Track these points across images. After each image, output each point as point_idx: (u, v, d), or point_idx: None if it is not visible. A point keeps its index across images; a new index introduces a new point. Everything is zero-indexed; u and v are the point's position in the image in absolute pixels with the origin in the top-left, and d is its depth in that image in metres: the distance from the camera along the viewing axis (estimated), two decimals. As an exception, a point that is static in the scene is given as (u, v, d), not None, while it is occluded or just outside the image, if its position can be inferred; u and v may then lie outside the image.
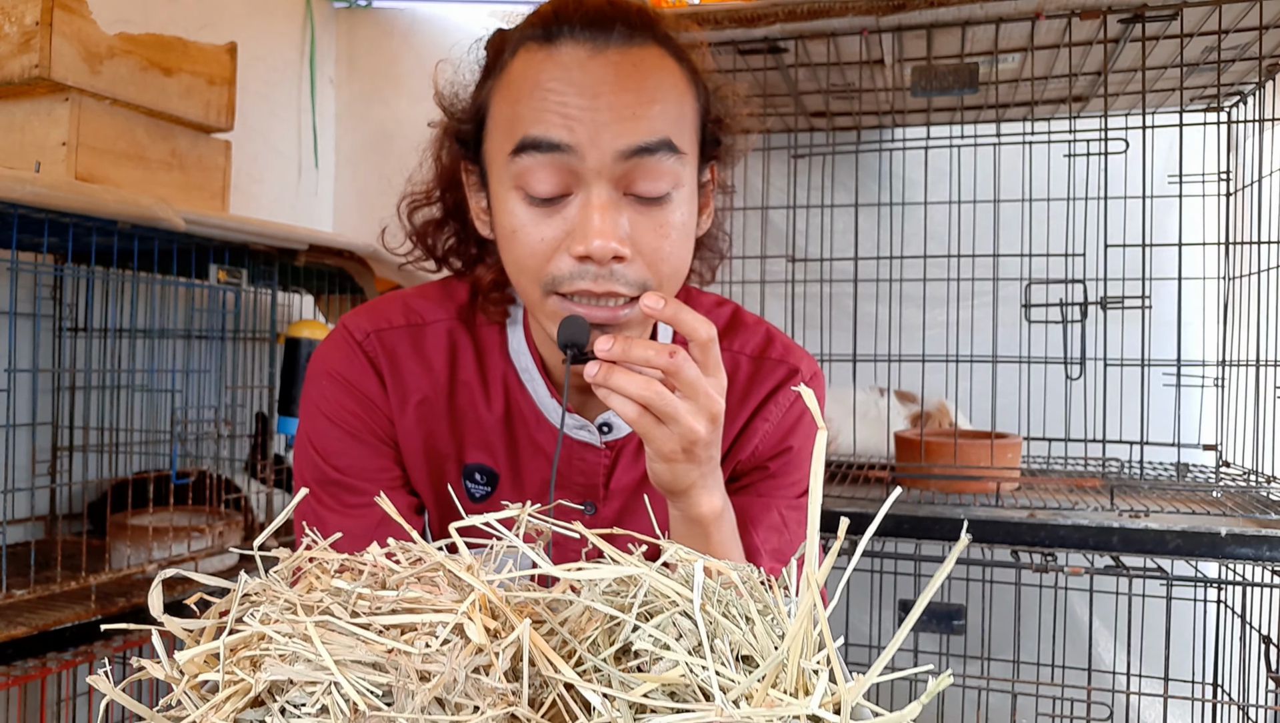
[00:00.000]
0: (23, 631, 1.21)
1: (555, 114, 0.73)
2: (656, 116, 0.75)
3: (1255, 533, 1.33)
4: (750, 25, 1.51)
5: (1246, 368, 1.60)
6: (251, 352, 1.81)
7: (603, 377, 0.69)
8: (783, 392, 0.92)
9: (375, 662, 0.47)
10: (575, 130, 0.73)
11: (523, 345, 0.89)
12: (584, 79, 0.74)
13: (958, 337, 1.82)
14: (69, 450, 1.70)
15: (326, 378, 0.88)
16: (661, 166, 0.75)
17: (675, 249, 0.78)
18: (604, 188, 0.74)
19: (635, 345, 0.69)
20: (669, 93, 0.77)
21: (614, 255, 0.74)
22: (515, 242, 0.77)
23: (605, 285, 0.75)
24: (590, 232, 0.73)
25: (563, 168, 0.74)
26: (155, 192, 1.47)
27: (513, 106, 0.77)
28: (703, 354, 0.71)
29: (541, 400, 0.89)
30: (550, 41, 0.76)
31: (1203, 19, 1.41)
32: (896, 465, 1.65)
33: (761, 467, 0.92)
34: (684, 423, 0.70)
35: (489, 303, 0.89)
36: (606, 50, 0.75)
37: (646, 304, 0.70)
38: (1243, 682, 1.64)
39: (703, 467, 0.74)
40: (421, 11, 2.43)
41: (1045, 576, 1.63)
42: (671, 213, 0.77)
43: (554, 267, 0.76)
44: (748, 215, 2.01)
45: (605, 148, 0.73)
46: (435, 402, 0.89)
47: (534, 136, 0.74)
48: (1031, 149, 1.71)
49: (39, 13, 1.31)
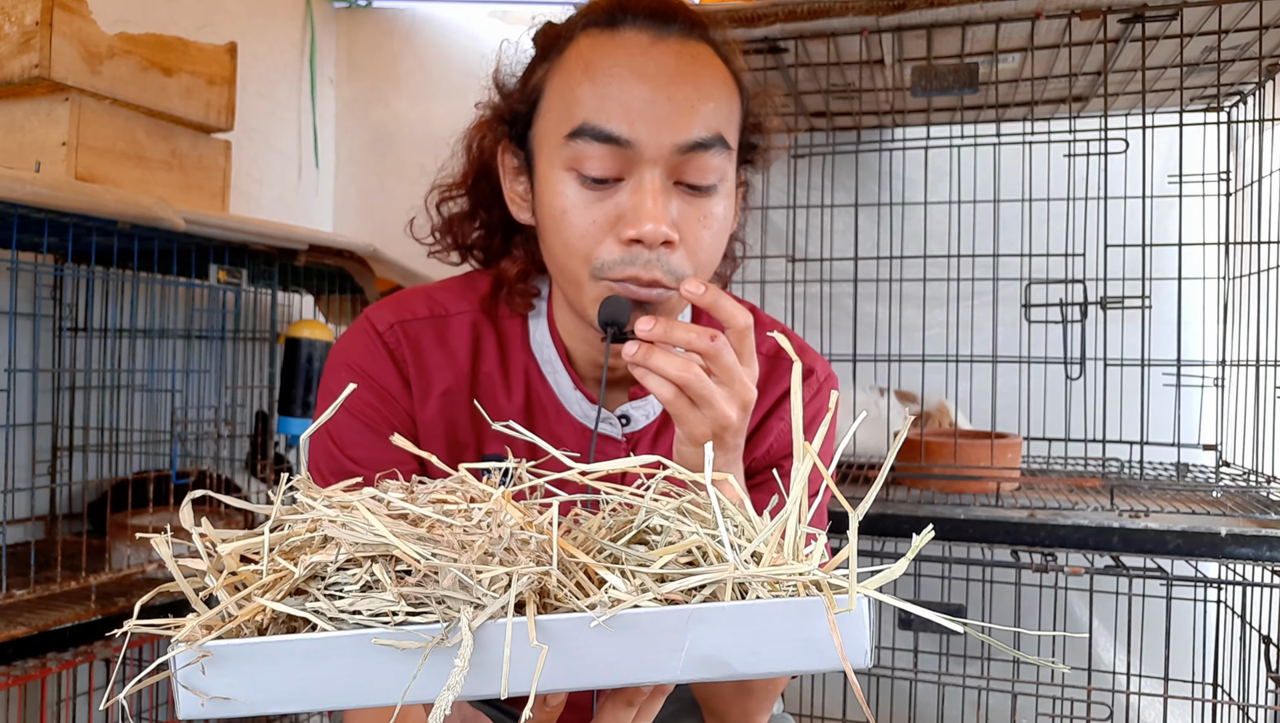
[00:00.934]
0: (23, 631, 1.21)
1: (616, 103, 0.75)
2: (712, 112, 0.78)
3: (1255, 533, 1.33)
4: (750, 25, 1.51)
5: (1246, 368, 1.60)
6: (251, 352, 1.81)
7: (642, 356, 0.70)
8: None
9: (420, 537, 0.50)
10: (636, 125, 0.75)
11: (546, 337, 0.90)
12: (646, 65, 0.76)
13: (958, 337, 1.82)
14: (69, 450, 1.70)
15: (346, 369, 0.88)
16: (713, 161, 0.78)
17: (715, 240, 0.80)
18: (657, 175, 0.76)
19: (677, 326, 0.70)
20: (721, 90, 0.80)
21: (664, 240, 0.75)
22: (565, 222, 0.78)
23: (652, 272, 0.76)
24: (643, 216, 0.75)
25: (618, 156, 0.76)
26: (155, 192, 1.47)
27: (572, 89, 0.78)
28: (739, 342, 0.72)
29: (563, 392, 0.90)
30: (613, 27, 0.79)
31: (1203, 19, 1.41)
32: (896, 465, 1.65)
33: (777, 465, 0.93)
34: (718, 407, 0.70)
35: (514, 295, 0.90)
36: (668, 40, 0.78)
37: (688, 289, 0.71)
38: (1243, 682, 1.64)
39: (729, 454, 0.75)
40: (421, 11, 2.43)
41: (1045, 575, 1.63)
42: (716, 205, 0.79)
43: (603, 251, 0.77)
44: (748, 215, 2.00)
45: (664, 142, 0.75)
46: (458, 393, 0.89)
47: (594, 125, 0.76)
48: (1031, 149, 1.71)
49: (39, 13, 1.31)
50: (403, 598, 0.48)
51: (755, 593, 0.50)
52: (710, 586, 0.51)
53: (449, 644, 0.48)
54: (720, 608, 0.49)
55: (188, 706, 0.48)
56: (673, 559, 0.53)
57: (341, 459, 0.87)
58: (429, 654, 0.48)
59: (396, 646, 0.48)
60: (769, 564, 0.51)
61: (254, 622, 0.50)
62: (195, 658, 0.48)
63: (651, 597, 0.50)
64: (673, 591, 0.51)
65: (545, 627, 0.49)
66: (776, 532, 0.53)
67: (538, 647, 0.48)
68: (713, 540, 0.53)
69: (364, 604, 0.49)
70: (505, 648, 0.47)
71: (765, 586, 0.51)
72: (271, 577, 0.51)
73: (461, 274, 0.96)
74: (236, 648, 0.49)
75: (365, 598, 0.49)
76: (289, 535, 0.52)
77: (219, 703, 0.48)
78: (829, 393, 0.94)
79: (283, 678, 0.48)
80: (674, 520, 0.55)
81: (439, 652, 0.48)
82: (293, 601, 0.50)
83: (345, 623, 0.49)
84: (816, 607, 0.49)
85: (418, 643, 0.48)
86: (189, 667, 0.48)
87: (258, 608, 0.50)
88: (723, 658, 0.49)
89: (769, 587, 0.51)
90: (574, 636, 0.49)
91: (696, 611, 0.49)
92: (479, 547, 0.49)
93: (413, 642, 0.48)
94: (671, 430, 0.90)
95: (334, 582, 0.50)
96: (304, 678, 0.48)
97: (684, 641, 0.49)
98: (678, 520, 0.55)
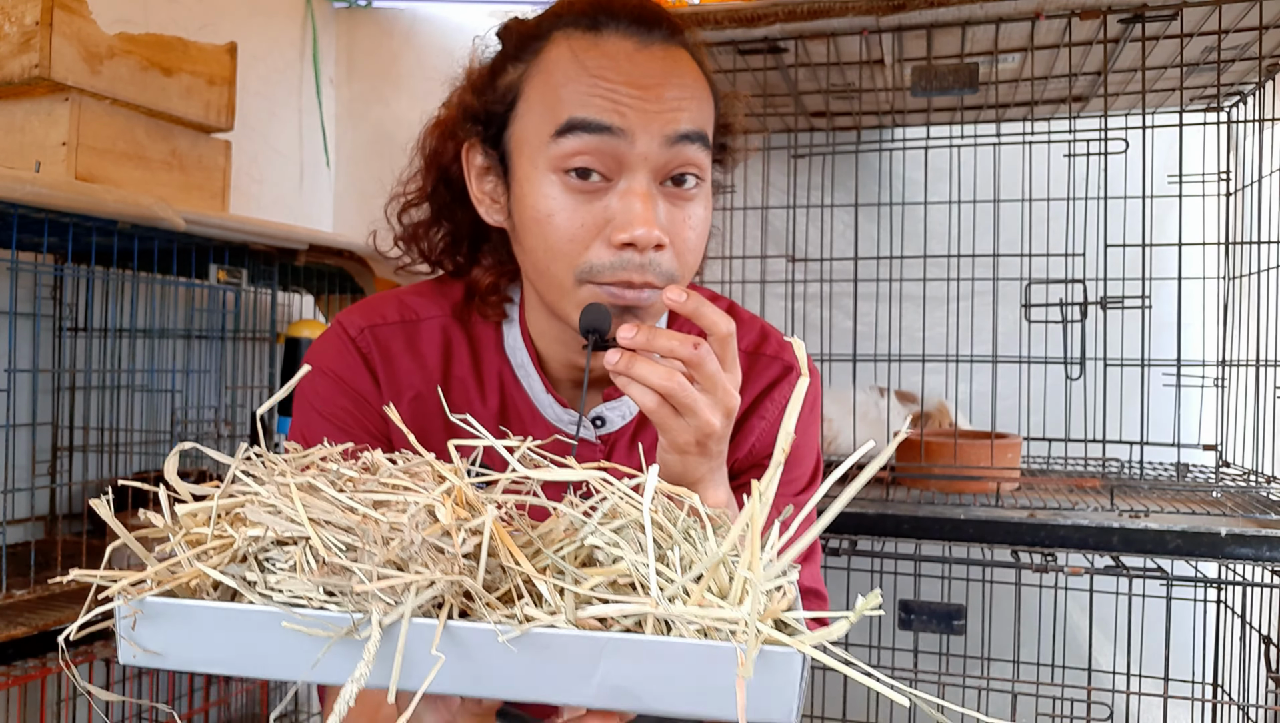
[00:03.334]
0: (23, 631, 1.21)
1: (604, 99, 0.75)
2: (696, 111, 0.78)
3: (1255, 533, 1.33)
4: (750, 25, 1.51)
5: (1246, 368, 1.60)
6: (251, 352, 1.81)
7: (625, 365, 0.69)
8: (778, 389, 0.92)
9: (349, 527, 0.51)
10: (626, 115, 0.75)
11: (519, 342, 0.89)
12: (632, 70, 0.76)
13: (958, 337, 1.82)
14: (69, 450, 1.70)
15: (319, 373, 0.88)
16: (699, 157, 0.78)
17: (699, 242, 0.80)
18: (645, 176, 0.76)
19: (660, 335, 0.70)
20: (701, 92, 0.80)
21: (655, 243, 0.75)
22: (551, 226, 0.77)
23: (644, 276, 0.76)
24: (635, 219, 0.74)
25: (608, 152, 0.75)
26: (155, 192, 1.47)
27: (557, 89, 0.77)
28: (721, 349, 0.72)
29: (537, 396, 0.89)
30: (595, 30, 0.79)
31: (1203, 19, 1.41)
32: (896, 465, 1.65)
33: (760, 465, 0.92)
34: (702, 415, 0.70)
35: (487, 306, 0.89)
36: (651, 46, 0.78)
37: (670, 297, 0.71)
38: (1243, 682, 1.64)
39: (712, 461, 0.74)
40: (421, 11, 2.43)
41: (1045, 576, 1.63)
42: (698, 206, 0.80)
43: (592, 255, 0.76)
44: (748, 215, 2.01)
45: (654, 132, 0.75)
46: (428, 398, 0.88)
47: (582, 118, 0.75)
48: (1031, 149, 1.71)
49: (39, 13, 1.31)
50: (319, 586, 0.50)
51: (679, 631, 0.49)
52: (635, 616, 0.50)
53: (359, 637, 0.49)
54: (633, 641, 0.48)
55: (125, 653, 0.53)
56: (604, 582, 0.51)
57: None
58: (337, 643, 0.50)
59: (304, 631, 0.50)
60: (696, 603, 0.49)
61: (195, 585, 0.53)
62: (131, 612, 0.52)
63: (566, 619, 0.49)
64: (591, 616, 0.49)
65: (454, 632, 0.49)
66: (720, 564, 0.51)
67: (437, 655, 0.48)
68: (642, 569, 0.51)
69: (290, 584, 0.51)
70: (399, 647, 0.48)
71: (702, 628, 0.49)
72: (217, 542, 0.53)
73: (435, 278, 0.95)
74: (165, 607, 0.52)
75: (290, 578, 0.51)
76: (236, 504, 0.54)
77: (150, 657, 0.53)
78: (811, 390, 0.94)
79: (207, 641, 0.52)
80: (610, 545, 0.54)
81: (352, 642, 0.50)
82: (234, 567, 0.53)
83: (271, 599, 0.51)
84: (729, 654, 0.47)
85: (324, 633, 0.50)
86: (126, 618, 0.52)
87: (196, 572, 0.52)
88: (634, 692, 0.48)
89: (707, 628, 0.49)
90: (482, 647, 0.49)
91: (610, 640, 0.48)
92: (395, 546, 0.49)
93: (321, 631, 0.50)
94: (648, 431, 0.90)
95: (270, 556, 0.53)
96: (226, 644, 0.51)
97: (596, 668, 0.48)
98: (628, 540, 0.54)
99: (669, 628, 0.49)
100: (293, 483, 0.53)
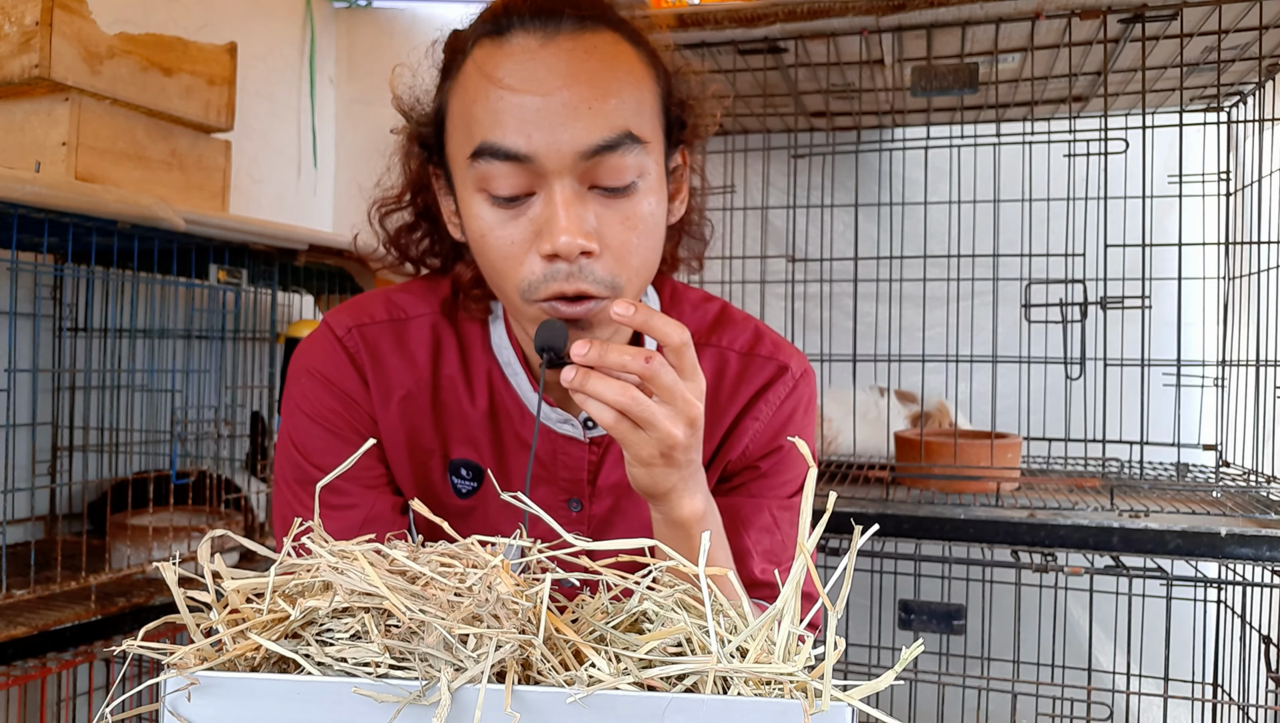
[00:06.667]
0: (23, 631, 1.21)
1: (511, 117, 0.72)
2: (614, 110, 0.73)
3: (1255, 533, 1.33)
4: (750, 25, 1.51)
5: (1246, 368, 1.60)
6: (251, 352, 1.81)
7: (579, 382, 0.68)
8: (772, 390, 0.91)
9: (412, 592, 0.52)
10: (532, 137, 0.72)
11: (505, 340, 0.88)
12: (536, 70, 0.73)
13: (958, 337, 1.82)
14: (69, 450, 1.70)
15: (306, 375, 0.87)
16: (624, 161, 0.74)
17: (644, 241, 0.77)
18: (567, 183, 0.73)
19: (611, 351, 0.68)
20: (625, 80, 0.75)
21: (581, 251, 0.73)
22: (486, 245, 0.76)
23: (575, 285, 0.74)
24: (556, 229, 0.72)
25: (522, 172, 0.73)
26: (155, 192, 1.47)
27: (469, 107, 0.75)
28: (678, 359, 0.70)
29: (525, 395, 0.88)
30: (501, 34, 0.75)
31: (1203, 19, 1.41)
32: (896, 465, 1.65)
33: (752, 466, 0.91)
34: (662, 428, 0.69)
35: (470, 301, 0.88)
36: (557, 38, 0.74)
37: (616, 311, 0.68)
38: (1243, 682, 1.64)
39: (682, 471, 0.73)
40: (421, 11, 2.43)
41: (1045, 576, 1.63)
42: (638, 204, 0.76)
43: (526, 271, 0.75)
44: (748, 215, 2.01)
45: (565, 150, 0.72)
46: (419, 397, 0.88)
47: (491, 143, 0.73)
48: (1031, 149, 1.71)
49: (39, 13, 1.31)
50: (387, 650, 0.50)
51: (737, 689, 0.50)
52: (693, 676, 0.51)
53: (427, 703, 0.49)
54: (698, 700, 0.49)
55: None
56: (659, 647, 0.53)
57: (306, 467, 0.86)
58: (405, 710, 0.49)
59: (374, 697, 0.49)
60: (754, 661, 0.51)
61: (246, 658, 0.52)
62: (185, 685, 0.50)
63: (631, 680, 0.50)
64: (654, 676, 0.51)
65: (522, 697, 0.49)
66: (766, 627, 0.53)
67: (511, 714, 0.49)
68: (700, 631, 0.53)
69: (351, 653, 0.50)
70: (477, 712, 0.48)
71: (750, 682, 0.51)
72: (270, 617, 0.52)
73: (425, 275, 0.94)
74: (224, 681, 0.51)
75: (353, 647, 0.50)
76: (291, 579, 0.54)
77: None
78: (806, 391, 0.92)
79: (265, 715, 0.50)
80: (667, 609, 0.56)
81: (417, 708, 0.49)
82: (286, 642, 0.52)
83: (330, 669, 0.51)
84: (794, 710, 0.49)
85: (394, 698, 0.49)
86: (177, 693, 0.51)
87: (251, 645, 0.51)
88: None
89: (753, 684, 0.51)
90: (549, 709, 0.49)
91: (675, 699, 0.49)
92: (465, 608, 0.50)
93: (390, 696, 0.49)
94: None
95: (327, 628, 0.52)
96: (285, 718, 0.50)
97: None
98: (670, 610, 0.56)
99: (724, 689, 0.51)
100: (359, 551, 0.53)
